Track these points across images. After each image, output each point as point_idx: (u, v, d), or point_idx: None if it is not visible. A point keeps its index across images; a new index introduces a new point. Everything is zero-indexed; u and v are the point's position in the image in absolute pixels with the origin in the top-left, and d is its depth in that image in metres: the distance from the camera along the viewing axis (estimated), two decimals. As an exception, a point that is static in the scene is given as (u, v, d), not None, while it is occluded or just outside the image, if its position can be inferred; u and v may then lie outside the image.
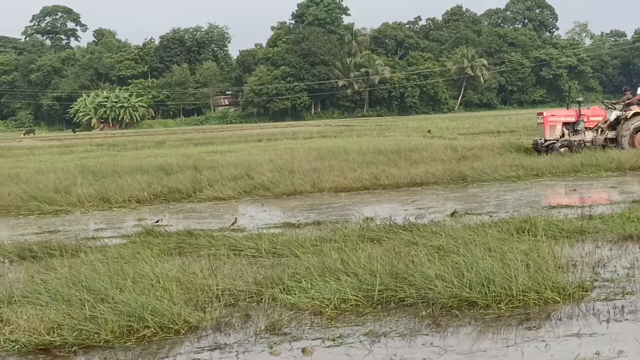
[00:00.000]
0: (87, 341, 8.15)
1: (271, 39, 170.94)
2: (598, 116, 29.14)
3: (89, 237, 15.22)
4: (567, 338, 7.84)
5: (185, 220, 17.31)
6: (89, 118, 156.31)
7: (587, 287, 9.31)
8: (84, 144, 66.18)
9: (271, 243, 12.35)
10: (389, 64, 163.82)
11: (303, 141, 50.77)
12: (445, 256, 10.35)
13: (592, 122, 28.87)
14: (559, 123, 28.64)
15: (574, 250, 11.32)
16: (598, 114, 29.28)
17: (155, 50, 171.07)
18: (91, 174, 26.55)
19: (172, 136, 76.92)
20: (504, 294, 8.89)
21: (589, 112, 29.26)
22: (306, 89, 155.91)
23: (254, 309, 9.21)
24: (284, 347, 7.98)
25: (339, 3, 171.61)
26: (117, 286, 9.24)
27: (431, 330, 8.29)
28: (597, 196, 18.24)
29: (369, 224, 13.96)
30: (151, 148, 53.30)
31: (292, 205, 20.07)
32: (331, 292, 9.28)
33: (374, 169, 24.16)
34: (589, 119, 28.85)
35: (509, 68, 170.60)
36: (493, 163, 24.64)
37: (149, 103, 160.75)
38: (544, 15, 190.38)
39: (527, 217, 13.41)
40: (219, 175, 23.98)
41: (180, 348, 8.13)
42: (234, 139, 61.17)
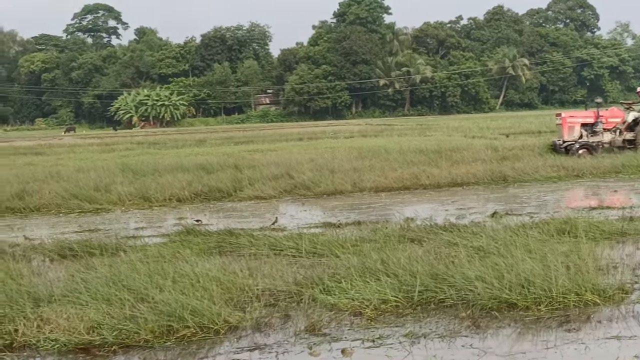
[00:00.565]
0: (127, 341, 8.19)
1: (312, 38, 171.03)
2: (616, 117, 29.01)
3: (129, 235, 15.27)
4: (606, 340, 7.81)
5: (226, 220, 17.35)
6: (129, 116, 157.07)
7: (627, 289, 9.26)
8: (125, 142, 66.49)
9: (311, 243, 12.36)
10: (430, 64, 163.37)
11: (343, 140, 50.72)
12: (485, 257, 10.33)
13: (611, 123, 28.75)
14: (578, 124, 28.57)
15: (615, 252, 11.26)
16: (616, 115, 29.15)
17: (196, 48, 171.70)
18: (131, 172, 26.64)
19: (212, 135, 77.09)
20: (544, 295, 8.87)
21: (607, 114, 29.19)
22: (347, 88, 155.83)
23: (293, 309, 9.22)
24: (324, 348, 8.00)
25: (381, 2, 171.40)
26: (157, 286, 9.29)
27: (471, 332, 8.28)
28: (637, 197, 18.08)
29: (410, 224, 13.94)
30: (192, 147, 53.45)
31: (332, 204, 20.07)
32: (371, 293, 9.29)
33: (415, 169, 24.10)
34: (607, 120, 28.75)
35: (551, 68, 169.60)
36: (534, 163, 24.53)
37: (190, 101, 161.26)
38: (585, 15, 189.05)
39: (568, 218, 13.36)
40: (259, 174, 24.03)
41: (219, 348, 8.16)
42: (275, 138, 61.26)
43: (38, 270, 11.41)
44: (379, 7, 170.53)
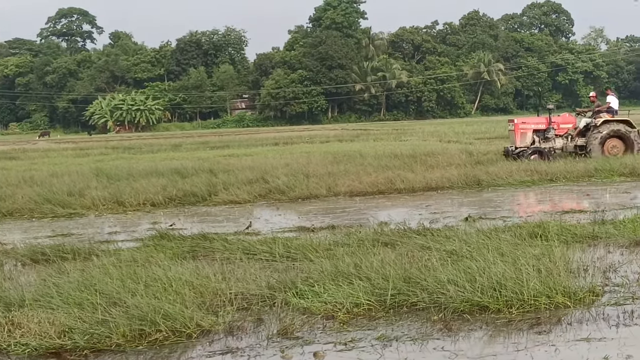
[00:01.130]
0: (98, 345, 8.19)
1: (288, 43, 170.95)
2: (568, 123, 29.18)
3: (103, 240, 15.28)
4: (576, 342, 7.88)
5: (200, 224, 17.37)
6: (104, 121, 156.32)
7: (598, 291, 9.35)
8: (100, 146, 66.29)
9: (285, 247, 12.41)
10: (406, 68, 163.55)
11: (319, 145, 50.76)
12: (458, 261, 10.40)
13: (563, 129, 28.86)
14: (530, 130, 28.61)
15: (586, 255, 11.33)
16: (568, 121, 29.33)
17: (171, 53, 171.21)
18: (106, 177, 26.60)
19: (188, 139, 76.99)
20: (516, 298, 8.93)
21: (559, 120, 29.28)
22: (323, 93, 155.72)
23: (266, 313, 9.25)
24: (296, 351, 8.02)
25: (357, 7, 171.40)
26: (130, 290, 9.30)
27: (442, 335, 8.33)
28: (609, 201, 18.19)
29: (383, 229, 14.02)
30: (167, 151, 53.35)
31: (307, 209, 20.09)
32: (344, 297, 9.33)
33: (390, 173, 24.14)
34: (559, 126, 28.86)
35: (526, 73, 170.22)
36: (508, 168, 24.61)
37: (166, 106, 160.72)
38: (560, 20, 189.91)
39: (540, 222, 13.46)
40: (234, 179, 24.03)
41: (192, 352, 8.17)
42: (251, 143, 61.26)
43: (10, 275, 11.40)
44: (355, 12, 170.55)
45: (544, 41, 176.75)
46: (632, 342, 7.78)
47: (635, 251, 11.74)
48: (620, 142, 28.16)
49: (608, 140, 28.05)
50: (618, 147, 27.99)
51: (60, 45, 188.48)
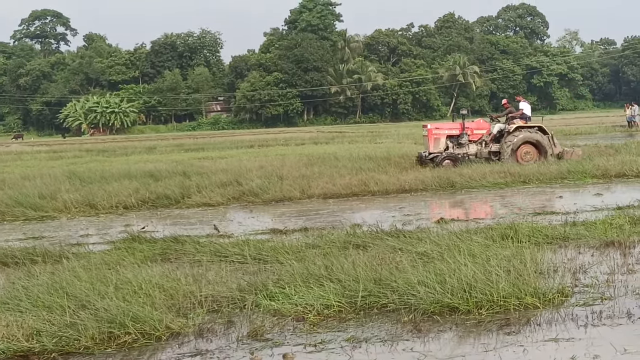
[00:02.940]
0: (67, 347, 8.16)
1: (264, 45, 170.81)
2: (482, 129, 29.11)
3: (74, 243, 15.21)
4: (545, 343, 7.91)
5: (172, 227, 17.34)
6: (79, 123, 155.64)
7: (567, 292, 9.39)
8: (73, 149, 66.01)
9: (257, 249, 12.42)
10: (382, 71, 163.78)
11: (294, 147, 50.75)
12: (429, 262, 10.44)
13: (476, 135, 28.83)
14: (443, 136, 28.54)
15: (556, 256, 11.40)
16: (482, 127, 29.27)
17: (146, 55, 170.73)
18: (79, 179, 26.49)
19: (163, 142, 76.78)
20: (485, 299, 8.97)
21: (472, 125, 29.27)
22: (299, 95, 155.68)
23: (236, 315, 9.24)
24: (265, 353, 8.02)
25: (332, 9, 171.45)
26: (99, 293, 9.28)
27: (412, 336, 8.34)
28: (581, 202, 18.27)
29: (356, 231, 14.03)
30: (141, 154, 53.19)
31: (280, 211, 20.09)
32: (314, 298, 9.33)
33: (364, 176, 24.19)
34: (473, 132, 28.83)
35: (501, 75, 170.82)
36: (481, 170, 24.68)
37: (140, 108, 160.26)
38: (535, 23, 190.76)
39: (512, 224, 13.52)
40: (208, 182, 23.99)
41: (161, 354, 8.15)
42: (226, 145, 61.18)
43: (-21, 278, 11.32)
44: (331, 14, 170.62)
45: (519, 44, 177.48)
46: (600, 343, 7.82)
47: (606, 252, 11.80)
48: (533, 148, 28.12)
49: (521, 147, 28.02)
50: (531, 154, 27.96)
51: (33, 48, 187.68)
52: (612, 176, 23.68)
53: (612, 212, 15.67)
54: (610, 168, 24.20)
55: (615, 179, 23.41)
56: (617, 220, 14.11)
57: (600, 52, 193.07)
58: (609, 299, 9.25)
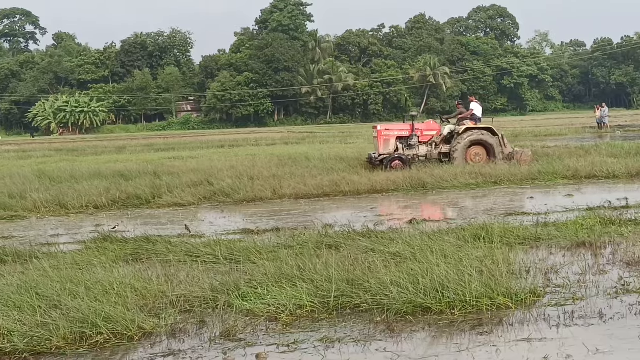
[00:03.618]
0: (39, 348, 8.12)
1: (234, 45, 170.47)
2: (432, 130, 29.06)
3: (44, 243, 15.11)
4: (517, 343, 7.94)
5: (143, 227, 17.26)
6: (48, 123, 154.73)
7: (539, 293, 9.43)
8: (43, 149, 65.73)
9: (229, 249, 12.40)
10: (353, 71, 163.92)
11: (265, 148, 50.76)
12: (401, 263, 10.46)
13: (426, 136, 28.77)
14: (393, 137, 28.46)
15: (528, 257, 11.45)
16: (432, 128, 29.21)
17: (116, 54, 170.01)
18: (48, 179, 26.40)
19: (133, 142, 76.51)
20: (458, 299, 8.98)
21: (422, 127, 29.21)
22: (269, 96, 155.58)
23: (209, 315, 9.22)
24: (238, 353, 8.00)
25: (303, 10, 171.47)
26: (71, 292, 9.23)
27: (385, 336, 8.34)
28: (552, 203, 18.36)
29: (328, 231, 14.01)
30: (111, 154, 53.02)
31: (251, 211, 20.07)
32: (287, 299, 9.33)
33: (335, 176, 24.19)
34: (423, 133, 28.75)
35: (471, 76, 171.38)
36: (453, 170, 24.72)
37: (110, 108, 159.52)
38: (505, 24, 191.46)
39: (484, 224, 13.55)
40: (179, 182, 23.94)
41: (133, 354, 8.12)
42: (196, 145, 61.08)
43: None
44: (302, 14, 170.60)
45: (489, 45, 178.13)
46: (572, 343, 7.86)
47: (577, 253, 11.86)
48: (483, 150, 28.12)
49: (470, 148, 28.03)
50: (481, 155, 27.97)
51: (2, 46, 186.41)
52: (582, 177, 23.80)
53: (583, 213, 15.74)
54: (581, 169, 24.32)
55: (585, 180, 23.53)
56: (588, 221, 14.19)
57: (570, 54, 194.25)
58: (580, 300, 9.30)
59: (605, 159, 26.02)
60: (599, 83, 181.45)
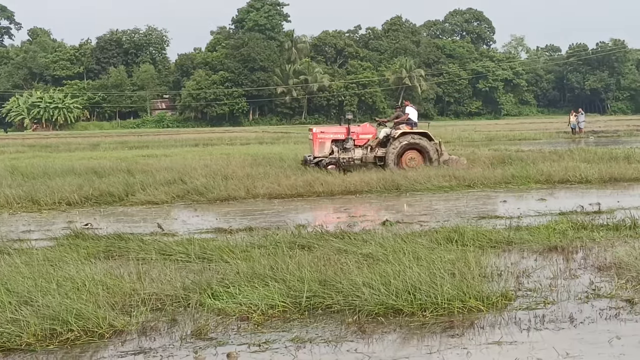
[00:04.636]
0: (8, 344, 8.09)
1: (210, 44, 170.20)
2: (368, 134, 28.89)
3: (16, 239, 15.04)
4: (488, 346, 7.97)
5: (116, 224, 17.22)
6: (21, 118, 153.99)
7: (511, 296, 9.47)
8: (16, 144, 65.42)
9: (201, 248, 12.39)
10: (328, 72, 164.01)
11: (240, 147, 50.74)
12: (373, 264, 10.50)
13: (362, 139, 28.60)
14: (328, 140, 28.31)
15: (500, 260, 11.50)
16: (368, 132, 29.05)
17: (91, 51, 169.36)
18: (21, 175, 26.31)
19: (107, 139, 76.26)
20: (430, 302, 9.01)
21: (358, 130, 29.00)
22: (245, 95, 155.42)
23: (180, 313, 9.21)
24: (209, 352, 8.00)
25: (280, 10, 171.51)
26: (41, 289, 9.19)
27: (356, 337, 8.36)
28: (525, 207, 18.44)
29: (301, 231, 14.00)
30: (85, 150, 52.88)
31: (225, 210, 20.05)
32: (259, 298, 9.34)
33: (309, 177, 24.18)
34: (359, 136, 28.58)
35: (447, 79, 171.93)
36: (426, 173, 24.77)
37: (84, 105, 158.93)
38: (481, 28, 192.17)
39: (456, 227, 13.60)
40: (152, 179, 23.87)
41: (104, 352, 8.10)
42: (170, 143, 61.02)
43: None
44: (278, 14, 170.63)
45: (465, 48, 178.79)
46: (542, 346, 7.90)
47: (549, 257, 11.93)
48: (418, 154, 27.96)
49: (405, 152, 27.86)
50: (416, 160, 27.80)
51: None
52: (555, 182, 23.90)
53: (556, 217, 15.82)
54: (554, 174, 24.42)
55: (558, 185, 23.64)
56: (560, 225, 14.27)
57: (546, 59, 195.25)
58: (551, 303, 9.34)
59: (579, 164, 26.13)
60: (573, 88, 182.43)
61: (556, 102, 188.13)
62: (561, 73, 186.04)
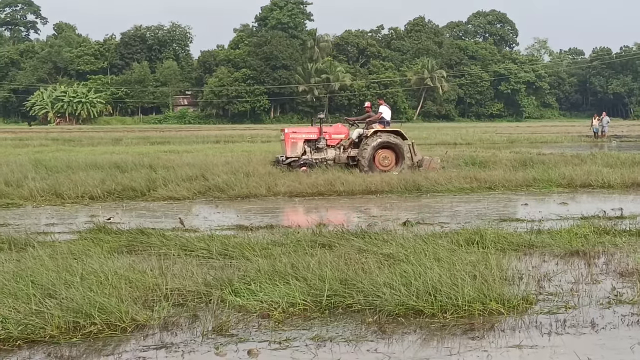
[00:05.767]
0: (32, 336, 8.13)
1: (233, 41, 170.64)
2: (340, 134, 28.76)
3: (40, 231, 15.14)
4: (508, 349, 7.95)
5: (138, 219, 17.26)
6: (45, 112, 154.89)
7: (532, 300, 9.43)
8: (40, 137, 65.67)
9: (223, 245, 12.41)
10: (350, 71, 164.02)
11: (261, 144, 50.77)
12: (394, 264, 10.47)
13: (335, 139, 28.48)
14: (301, 140, 28.15)
15: (521, 263, 11.46)
16: (340, 132, 28.90)
17: (115, 46, 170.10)
18: (45, 168, 26.41)
19: (129, 134, 76.48)
20: (450, 303, 8.99)
21: (331, 130, 28.85)
22: (266, 93, 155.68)
23: (202, 309, 9.24)
24: (230, 349, 8.02)
25: (303, 8, 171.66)
26: (65, 282, 9.25)
27: (376, 337, 8.36)
28: (546, 211, 18.39)
29: (321, 230, 14.00)
30: (107, 145, 53.06)
31: (246, 207, 20.08)
32: (280, 296, 9.34)
33: (330, 175, 24.18)
34: (331, 136, 28.45)
35: (468, 81, 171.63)
36: (447, 174, 24.76)
37: (107, 99, 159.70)
38: (504, 30, 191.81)
39: (477, 229, 13.57)
40: (174, 175, 23.95)
41: (126, 346, 8.13)
42: (192, 140, 61.06)
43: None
44: (301, 13, 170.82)
45: (487, 50, 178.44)
46: (563, 350, 7.87)
47: (570, 261, 11.88)
48: (392, 154, 27.82)
49: (379, 152, 27.69)
50: (389, 159, 27.68)
51: (3, 34, 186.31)
52: (577, 186, 23.78)
53: (577, 221, 15.73)
54: (576, 177, 24.30)
55: (580, 189, 23.52)
56: (582, 229, 14.18)
57: (569, 62, 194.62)
58: (573, 308, 9.30)
59: (601, 169, 26.00)
60: (596, 92, 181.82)
61: (578, 105, 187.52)
62: (584, 76, 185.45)
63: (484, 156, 32.22)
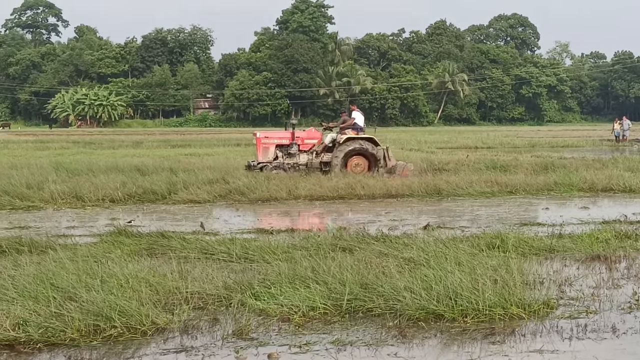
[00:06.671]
0: (53, 339, 8.16)
1: (254, 44, 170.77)
2: (313, 139, 28.65)
3: (60, 234, 15.17)
4: (529, 354, 7.93)
5: (159, 222, 17.30)
6: (66, 115, 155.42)
7: (553, 304, 9.40)
8: (60, 140, 65.99)
9: (243, 248, 12.41)
10: (371, 75, 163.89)
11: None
12: (415, 269, 10.45)
13: (307, 144, 28.29)
14: (272, 145, 28.04)
15: (542, 268, 11.42)
16: (313, 137, 28.83)
17: (137, 49, 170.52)
18: (65, 171, 26.49)
19: (150, 137, 76.73)
20: (471, 308, 8.97)
21: (303, 135, 28.77)
22: (287, 96, 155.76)
23: (222, 313, 9.25)
24: (250, 352, 8.03)
25: (324, 12, 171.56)
26: (86, 285, 9.27)
27: (397, 341, 8.35)
28: (567, 215, 18.32)
29: (342, 233, 13.99)
30: (128, 148, 53.26)
31: (266, 211, 20.12)
32: (300, 300, 9.34)
33: (350, 179, 24.16)
34: (304, 141, 28.28)
35: (490, 84, 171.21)
36: (468, 178, 24.69)
37: (128, 102, 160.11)
38: (526, 33, 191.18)
39: (498, 233, 13.53)
40: (194, 178, 23.98)
41: (146, 349, 8.15)
42: (213, 143, 61.24)
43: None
44: (322, 16, 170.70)
45: (509, 53, 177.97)
46: (584, 356, 7.85)
47: (591, 266, 11.85)
48: (364, 160, 27.54)
49: (351, 158, 27.44)
50: (362, 165, 27.41)
51: (24, 37, 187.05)
52: (598, 190, 23.68)
53: (599, 226, 15.69)
54: (597, 182, 24.18)
55: (601, 193, 23.42)
56: (603, 234, 14.11)
57: (590, 66, 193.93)
58: (594, 313, 9.28)
59: (623, 173, 25.85)
60: (618, 96, 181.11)
61: (600, 109, 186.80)
62: (606, 80, 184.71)
63: (504, 160, 32.13)
